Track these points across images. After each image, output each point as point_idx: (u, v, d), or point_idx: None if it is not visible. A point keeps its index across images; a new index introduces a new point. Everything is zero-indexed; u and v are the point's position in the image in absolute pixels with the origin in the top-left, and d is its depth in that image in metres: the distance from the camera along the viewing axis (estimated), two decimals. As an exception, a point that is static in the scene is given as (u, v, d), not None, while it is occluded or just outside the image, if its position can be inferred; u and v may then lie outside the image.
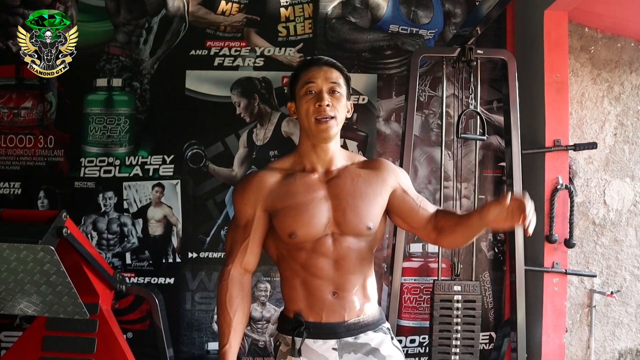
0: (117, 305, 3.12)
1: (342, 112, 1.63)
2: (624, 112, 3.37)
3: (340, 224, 1.57)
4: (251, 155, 3.25)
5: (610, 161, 3.35)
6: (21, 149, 3.25)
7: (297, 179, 1.63)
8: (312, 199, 1.58)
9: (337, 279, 1.57)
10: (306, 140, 1.66)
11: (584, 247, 3.34)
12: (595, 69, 3.36)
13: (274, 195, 1.62)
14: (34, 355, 2.42)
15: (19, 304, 2.14)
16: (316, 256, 1.57)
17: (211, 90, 3.26)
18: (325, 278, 1.57)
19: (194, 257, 3.22)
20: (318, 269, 1.57)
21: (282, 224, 1.59)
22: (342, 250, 1.57)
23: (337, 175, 1.64)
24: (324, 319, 1.57)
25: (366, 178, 1.63)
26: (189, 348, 3.21)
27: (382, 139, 3.28)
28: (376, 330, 1.62)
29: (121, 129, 3.25)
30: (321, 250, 1.57)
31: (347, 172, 1.64)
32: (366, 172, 1.65)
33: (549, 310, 2.89)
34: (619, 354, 3.38)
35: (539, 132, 2.97)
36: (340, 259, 1.57)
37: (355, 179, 1.62)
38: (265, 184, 1.64)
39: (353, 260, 1.59)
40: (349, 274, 1.58)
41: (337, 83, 1.61)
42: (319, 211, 1.57)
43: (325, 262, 1.57)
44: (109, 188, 3.24)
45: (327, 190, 1.61)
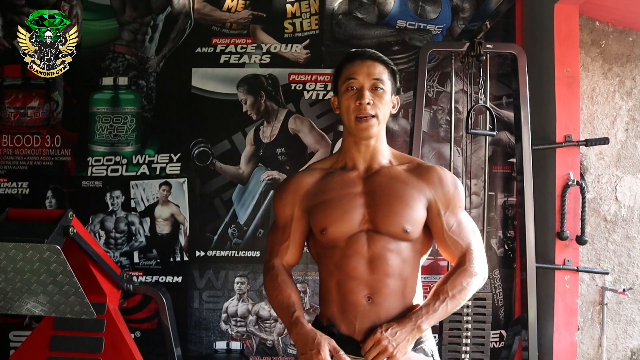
0: (125, 305, 3.12)
1: (384, 109, 1.55)
2: (636, 107, 3.32)
3: (374, 220, 1.49)
4: (258, 153, 3.23)
5: (621, 157, 3.31)
6: (28, 148, 3.25)
7: (335, 176, 1.59)
8: (346, 194, 1.53)
9: (372, 282, 1.47)
10: (348, 136, 1.61)
11: (596, 244, 3.30)
12: (607, 64, 3.32)
13: (310, 194, 1.59)
14: (42, 355, 2.42)
15: (26, 304, 2.13)
16: (350, 254, 1.49)
17: (217, 88, 3.24)
18: (359, 279, 1.48)
19: (201, 255, 3.21)
20: (351, 269, 1.48)
21: (314, 220, 1.55)
22: (377, 249, 1.48)
23: (376, 172, 1.57)
24: (357, 327, 1.47)
25: (405, 180, 1.55)
26: (197, 347, 3.21)
27: (390, 136, 3.25)
28: (416, 350, 1.48)
29: (128, 128, 3.25)
30: (355, 248, 1.49)
31: (387, 171, 1.57)
32: (408, 176, 1.56)
33: (560, 308, 2.86)
34: (632, 352, 3.34)
35: (549, 128, 2.93)
36: (375, 259, 1.48)
37: (393, 179, 1.55)
38: (303, 185, 1.62)
39: (390, 263, 1.48)
40: (385, 277, 1.48)
41: (379, 79, 1.53)
42: (351, 206, 1.51)
43: (359, 262, 1.48)
44: (116, 187, 3.23)
45: (363, 186, 1.55)
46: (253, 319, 3.22)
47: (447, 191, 1.56)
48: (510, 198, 3.26)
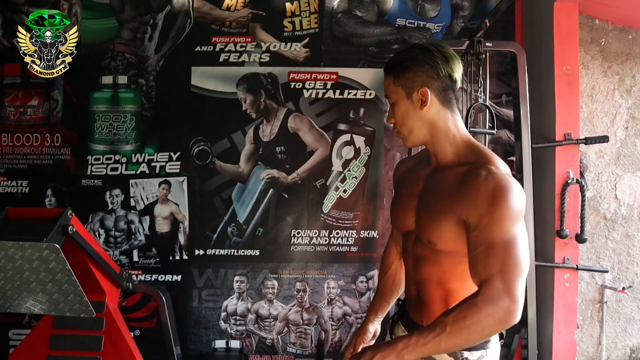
0: (124, 303, 3.12)
1: (405, 120, 1.45)
2: (636, 105, 3.32)
3: (417, 224, 1.47)
4: (258, 152, 3.23)
5: (621, 155, 3.30)
6: (28, 147, 3.25)
7: (413, 171, 1.58)
8: (407, 194, 1.54)
9: (416, 281, 1.51)
10: None
11: (595, 242, 3.30)
12: (606, 62, 3.31)
13: (397, 183, 1.67)
14: (42, 354, 2.42)
15: (25, 302, 2.13)
16: (404, 249, 1.58)
17: (217, 87, 3.24)
18: (409, 274, 1.56)
19: (200, 254, 3.21)
20: (405, 261, 1.59)
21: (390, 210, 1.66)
22: (418, 252, 1.48)
23: (438, 172, 1.47)
24: (410, 314, 1.56)
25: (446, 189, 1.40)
26: (197, 346, 3.21)
27: (390, 134, 3.25)
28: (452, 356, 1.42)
29: (127, 127, 3.24)
30: (406, 245, 1.55)
31: (442, 175, 1.44)
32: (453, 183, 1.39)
33: (559, 306, 2.86)
34: (631, 350, 3.34)
35: (549, 126, 2.93)
36: (417, 260, 1.49)
37: (440, 185, 1.42)
38: (398, 171, 1.70)
39: (426, 268, 1.45)
40: (425, 280, 1.46)
41: (388, 95, 1.47)
42: (406, 207, 1.52)
43: (408, 259, 1.55)
44: (116, 185, 3.23)
45: (422, 187, 1.49)
46: (252, 317, 3.23)
47: (479, 206, 1.30)
48: (510, 196, 3.26)
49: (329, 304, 3.24)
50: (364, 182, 3.23)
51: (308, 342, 3.23)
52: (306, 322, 3.23)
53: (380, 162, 3.24)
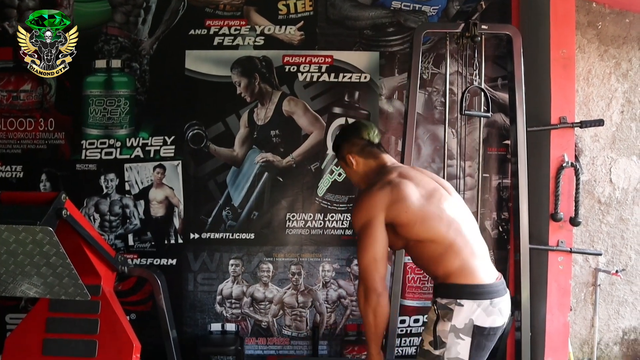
0: (120, 287, 3.13)
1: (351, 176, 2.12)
2: (632, 89, 3.31)
3: None
4: (252, 135, 3.22)
5: (616, 139, 3.31)
6: (22, 132, 3.23)
7: None
8: None
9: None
10: None
11: (589, 226, 3.31)
12: (603, 45, 3.30)
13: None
14: (38, 337, 2.42)
15: (20, 286, 2.13)
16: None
17: (211, 70, 3.22)
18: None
19: (195, 238, 3.22)
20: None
21: None
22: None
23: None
24: None
25: None
26: (193, 329, 3.23)
27: (384, 118, 3.24)
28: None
29: (121, 111, 3.23)
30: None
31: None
32: None
33: (553, 289, 2.87)
34: (623, 332, 3.37)
35: (544, 109, 2.92)
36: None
37: None
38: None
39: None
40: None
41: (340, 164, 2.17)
42: None
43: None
44: (111, 170, 3.23)
45: None
46: (248, 300, 3.24)
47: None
48: (505, 180, 3.27)
49: (324, 286, 3.26)
50: (359, 166, 3.22)
51: (303, 325, 3.25)
52: (301, 304, 3.25)
53: (376, 146, 3.23)
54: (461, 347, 1.71)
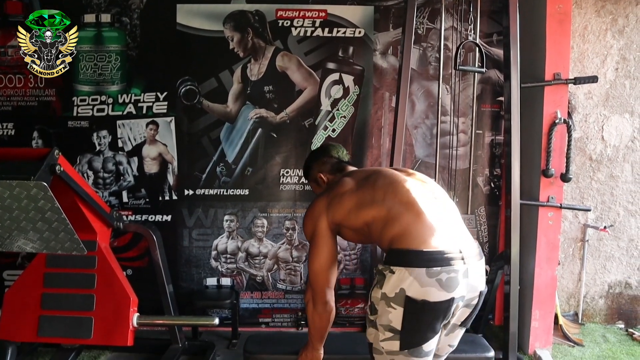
0: (116, 244, 3.16)
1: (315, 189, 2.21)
2: (627, 46, 3.29)
3: None
4: (246, 91, 3.19)
5: (610, 96, 3.31)
6: (11, 88, 3.19)
7: None
8: None
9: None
10: None
11: (580, 183, 3.35)
12: (600, 1, 3.26)
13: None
14: (36, 292, 2.47)
15: (16, 241, 2.14)
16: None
17: (203, 25, 3.16)
18: None
19: (190, 194, 3.23)
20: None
21: None
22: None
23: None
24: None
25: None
26: (188, 284, 3.28)
27: (378, 73, 3.22)
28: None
29: (112, 67, 3.18)
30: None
31: None
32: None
33: (542, 243, 2.93)
34: (609, 286, 3.46)
35: (539, 65, 2.91)
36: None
37: None
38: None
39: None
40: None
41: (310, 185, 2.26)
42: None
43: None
44: (103, 127, 3.21)
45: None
46: (243, 255, 3.29)
47: None
48: (498, 136, 3.28)
49: (317, 242, 3.29)
50: (352, 121, 3.22)
51: (297, 279, 3.31)
52: (295, 259, 3.30)
53: (369, 102, 3.22)
54: (393, 316, 1.62)
